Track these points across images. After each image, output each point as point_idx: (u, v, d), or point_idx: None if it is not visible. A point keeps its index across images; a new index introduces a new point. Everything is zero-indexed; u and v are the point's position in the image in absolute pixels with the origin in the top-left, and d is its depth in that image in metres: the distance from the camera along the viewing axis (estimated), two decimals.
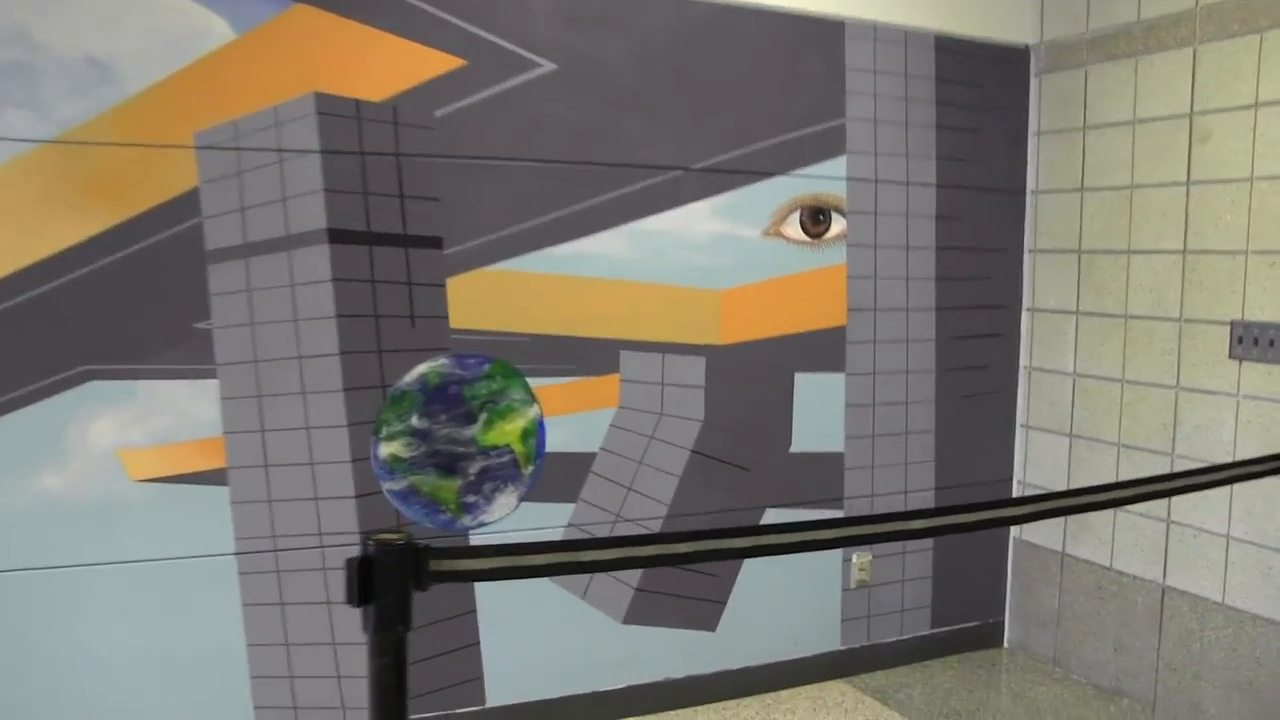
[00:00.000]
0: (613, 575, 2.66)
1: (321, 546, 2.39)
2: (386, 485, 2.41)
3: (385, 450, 2.40)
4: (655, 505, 2.68)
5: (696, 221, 2.62)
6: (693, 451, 2.70)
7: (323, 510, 2.39)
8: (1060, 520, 3.00)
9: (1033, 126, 3.03)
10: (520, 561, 1.23)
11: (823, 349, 2.82)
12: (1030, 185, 3.05)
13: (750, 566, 2.81)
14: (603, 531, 2.64)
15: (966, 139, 2.94)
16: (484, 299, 2.45)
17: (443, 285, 2.42)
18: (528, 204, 2.47)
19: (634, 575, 2.69)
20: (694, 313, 2.65)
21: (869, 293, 2.86)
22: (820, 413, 2.85)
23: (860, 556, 2.96)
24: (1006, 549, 3.20)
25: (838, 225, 2.79)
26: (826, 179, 2.76)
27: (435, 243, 2.40)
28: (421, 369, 2.41)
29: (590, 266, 2.53)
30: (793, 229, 2.73)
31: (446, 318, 2.43)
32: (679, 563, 1.24)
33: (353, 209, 2.32)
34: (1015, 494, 3.17)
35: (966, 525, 1.53)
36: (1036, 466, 3.09)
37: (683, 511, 2.71)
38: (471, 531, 2.50)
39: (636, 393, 2.62)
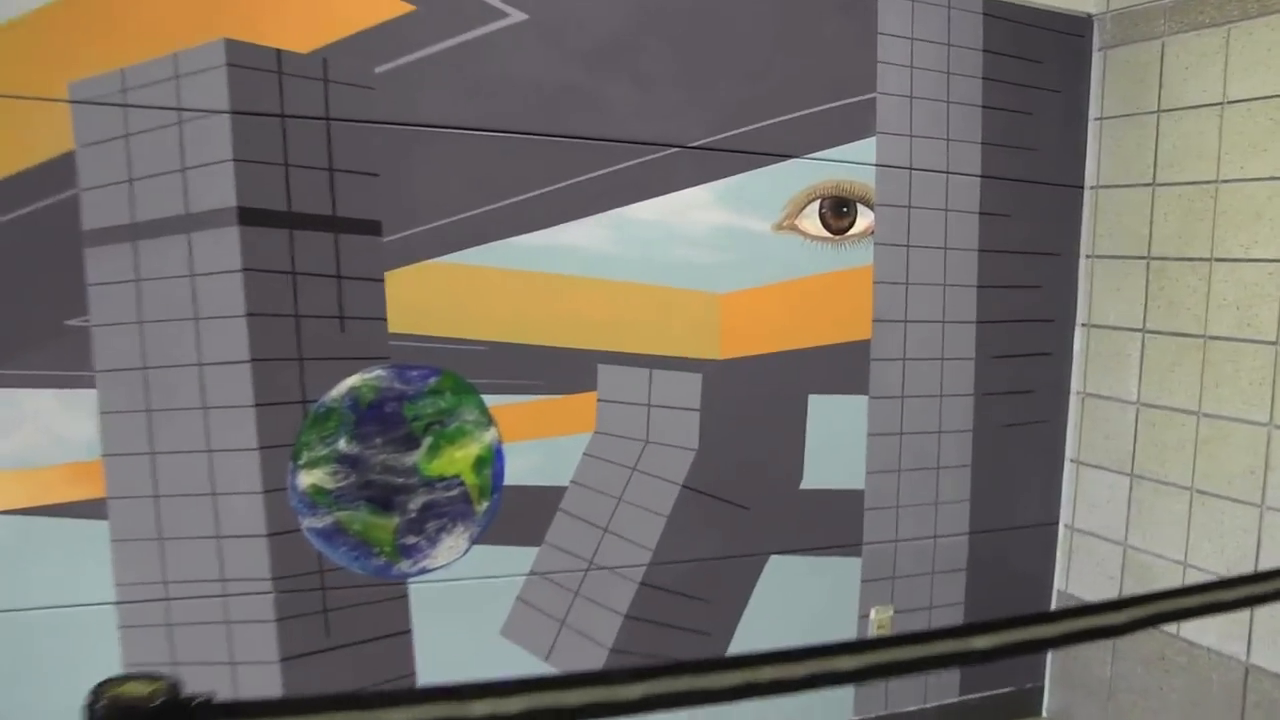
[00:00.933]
0: (582, 633, 2.22)
1: (224, 595, 1.96)
2: (307, 522, 1.97)
3: (306, 480, 1.96)
4: (637, 551, 2.24)
5: (694, 210, 2.18)
6: (684, 487, 2.25)
7: (227, 552, 1.95)
8: (1114, 571, 2.55)
9: (1094, 110, 2.58)
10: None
11: (842, 367, 2.37)
12: (1090, 179, 2.59)
13: (747, 622, 2.37)
14: (572, 582, 2.19)
15: (1017, 122, 2.49)
16: (431, 298, 2.01)
17: (380, 280, 1.97)
18: (488, 183, 2.02)
19: (609, 632, 2.24)
20: (689, 320, 2.20)
21: (899, 301, 2.41)
22: (838, 443, 2.40)
23: (880, 611, 2.51)
24: (1048, 601, 2.75)
25: (864, 219, 2.34)
26: (852, 164, 2.31)
27: (372, 228, 1.96)
28: (352, 382, 1.97)
29: (563, 261, 2.09)
30: (810, 222, 2.28)
31: (384, 320, 1.99)
32: (627, 712, 0.79)
33: (270, 184, 1.88)
34: (1062, 541, 2.71)
35: (1042, 642, 1.10)
36: (1089, 509, 2.63)
37: (670, 558, 2.27)
38: (413, 580, 2.06)
39: (617, 415, 2.17)
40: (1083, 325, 2.64)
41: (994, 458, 2.59)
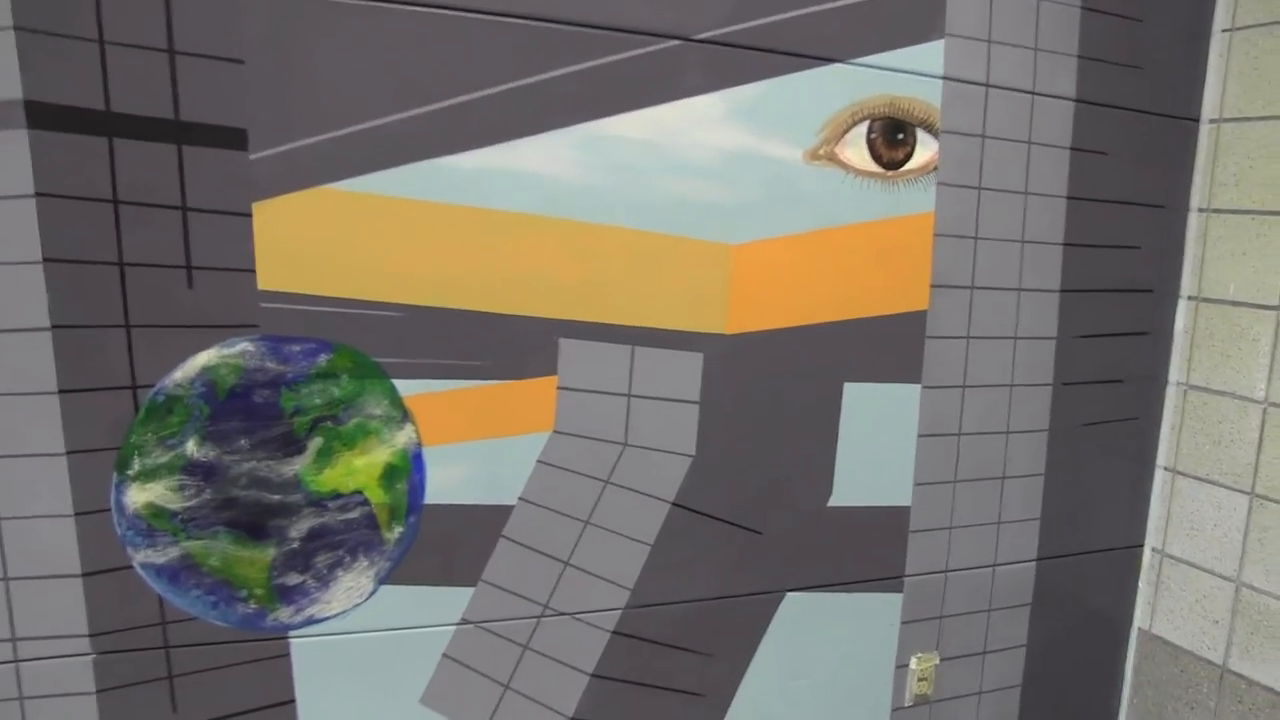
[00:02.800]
0: (532, 699, 1.64)
1: (16, 661, 1.38)
2: (142, 556, 1.38)
3: (139, 497, 1.37)
4: (609, 591, 1.65)
5: (700, 128, 1.57)
6: (675, 505, 1.67)
7: (19, 599, 1.37)
8: (1220, 614, 1.99)
9: (1221, 19, 1.97)
10: None
11: (889, 347, 1.78)
12: (1209, 110, 1.99)
13: (753, 679, 1.80)
14: (521, 633, 1.61)
15: (1123, 31, 1.88)
16: (321, 242, 1.41)
17: (246, 214, 1.37)
18: (408, 78, 1.41)
19: (569, 698, 1.67)
20: (687, 280, 1.60)
21: (966, 260, 1.81)
22: (879, 446, 1.81)
23: (922, 659, 1.94)
24: (1125, 646, 2.19)
25: (925, 151, 1.74)
26: (912, 75, 1.70)
27: (234, 138, 1.35)
28: (206, 360, 1.37)
29: (514, 194, 1.48)
30: (855, 152, 1.68)
31: (252, 272, 1.38)
32: None
33: (78, 70, 1.27)
34: (1147, 569, 2.15)
35: None
36: (1188, 533, 2.06)
37: (654, 599, 1.69)
38: (296, 634, 1.48)
39: (585, 409, 1.58)
40: (1189, 298, 2.05)
41: (1072, 464, 2.01)
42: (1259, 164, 1.89)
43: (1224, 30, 1.96)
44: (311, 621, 1.48)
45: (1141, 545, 2.14)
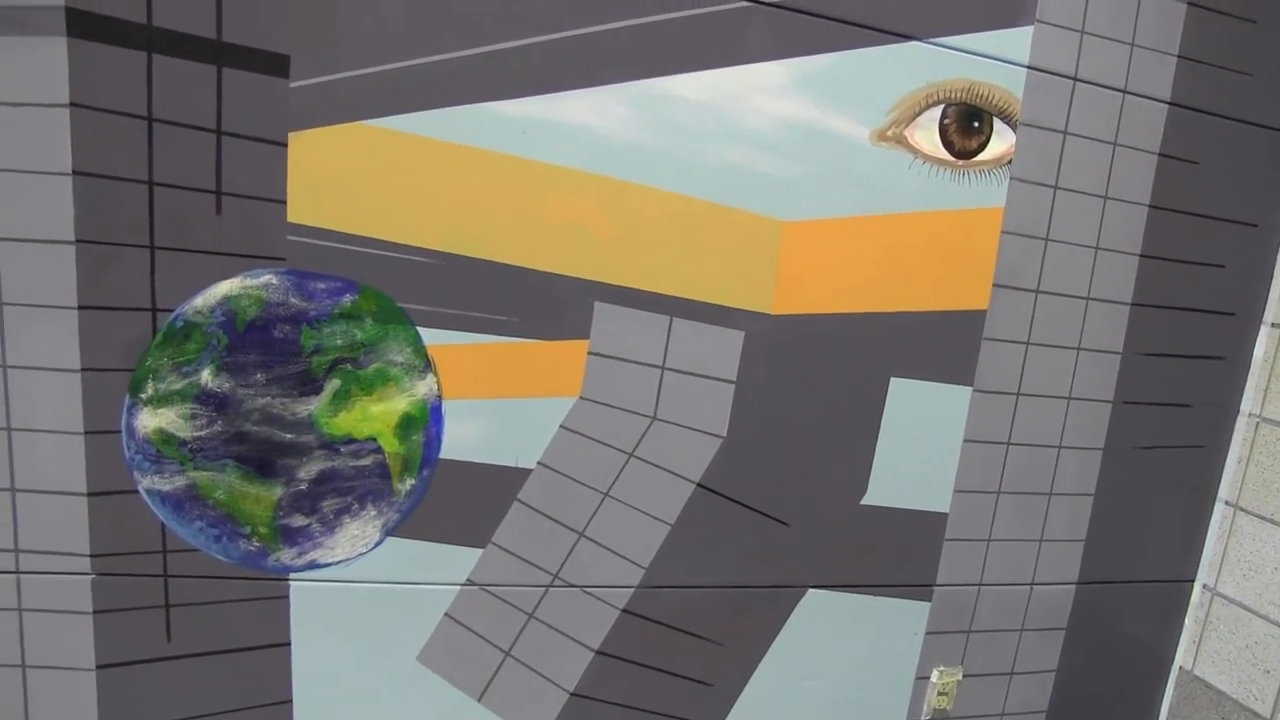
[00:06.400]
0: (533, 669, 1.60)
1: (17, 572, 1.36)
2: (148, 482, 1.36)
3: (150, 422, 1.35)
4: (623, 568, 1.60)
5: (762, 96, 1.49)
6: (700, 486, 1.61)
7: (25, 512, 1.35)
8: (1271, 664, 1.87)
9: None
10: None
11: (943, 344, 1.69)
12: None
13: (765, 673, 1.74)
14: (527, 600, 1.57)
15: (1232, 33, 1.76)
16: (356, 178, 1.36)
17: (282, 144, 1.33)
18: (459, 16, 1.36)
19: (571, 672, 1.62)
20: (734, 253, 1.53)
21: (1033, 262, 1.72)
22: (921, 447, 1.73)
23: (945, 673, 1.86)
24: (1164, 684, 2.08)
25: (1001, 142, 1.64)
26: (994, 61, 1.60)
27: (275, 64, 1.31)
28: (228, 289, 1.34)
29: (560, 146, 1.43)
30: (926, 136, 1.59)
31: (283, 203, 1.35)
32: None
33: None
34: (1195, 606, 2.03)
35: None
36: (1243, 572, 1.94)
37: (669, 581, 1.63)
38: (297, 577, 1.45)
39: (615, 377, 1.52)
40: (1273, 326, 1.92)
41: (1125, 488, 1.91)
42: None
43: None
44: (314, 566, 1.45)
45: (1192, 580, 2.03)
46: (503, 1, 1.36)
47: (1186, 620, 2.05)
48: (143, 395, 1.34)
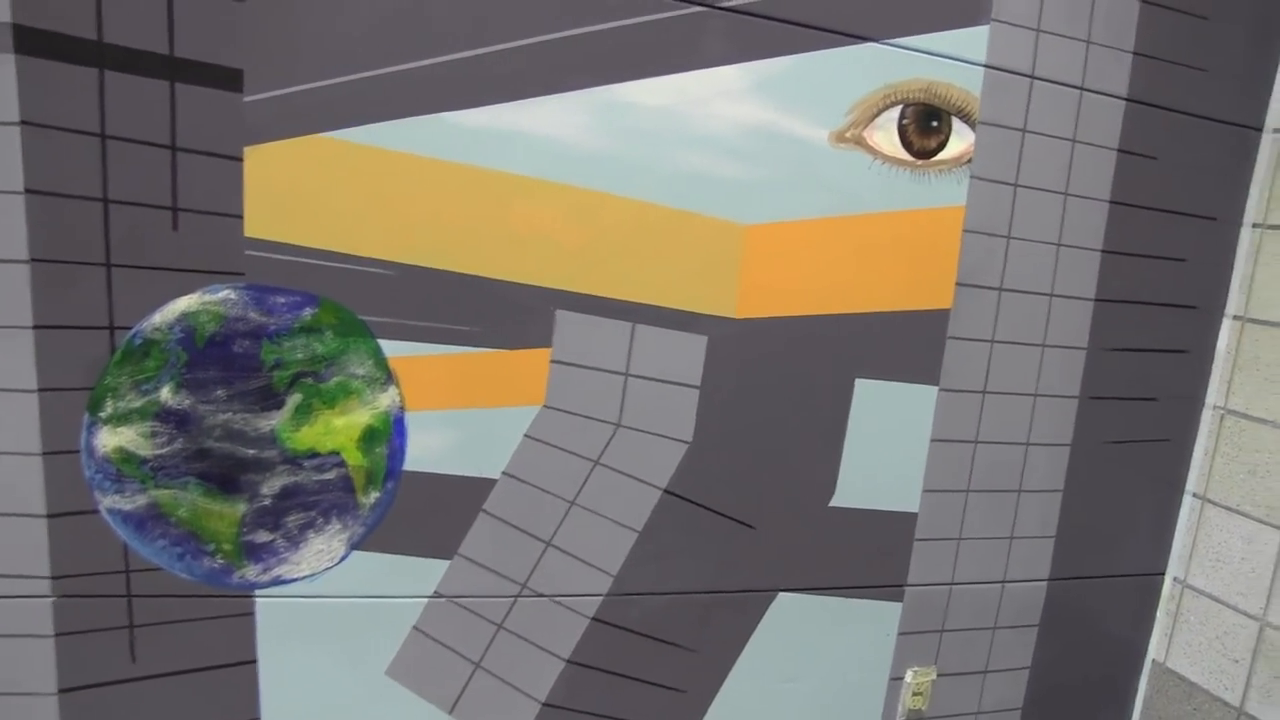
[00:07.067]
0: (504, 680, 1.59)
1: None
2: (109, 501, 1.35)
3: (110, 440, 1.33)
4: (592, 576, 1.60)
5: (720, 100, 1.49)
6: (666, 492, 1.60)
7: None
8: (1241, 654, 1.89)
9: None
10: None
11: (907, 344, 1.70)
12: (1274, 119, 1.88)
13: (738, 679, 1.73)
14: (495, 611, 1.56)
15: (1186, 29, 1.77)
16: (314, 191, 1.36)
17: (238, 158, 1.32)
18: (414, 27, 1.35)
19: (543, 682, 1.61)
20: (695, 257, 1.53)
21: (996, 260, 1.72)
22: (888, 447, 1.73)
23: (920, 673, 1.86)
24: (1137, 677, 2.09)
25: (960, 141, 1.65)
26: (951, 61, 1.61)
27: (229, 79, 1.30)
28: (187, 305, 1.33)
29: (519, 155, 1.42)
30: (885, 136, 1.59)
31: (240, 218, 1.34)
32: None
33: None
34: (1167, 600, 2.05)
35: None
36: (1213, 564, 1.96)
37: (638, 588, 1.63)
38: (263, 593, 1.44)
39: (579, 385, 1.52)
40: (1235, 318, 1.94)
41: (1094, 483, 1.92)
42: None
43: None
44: (279, 582, 1.44)
45: (1162, 574, 2.05)
46: (460, 11, 1.36)
47: (1158, 613, 2.06)
48: (102, 414, 1.33)
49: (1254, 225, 1.90)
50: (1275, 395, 1.84)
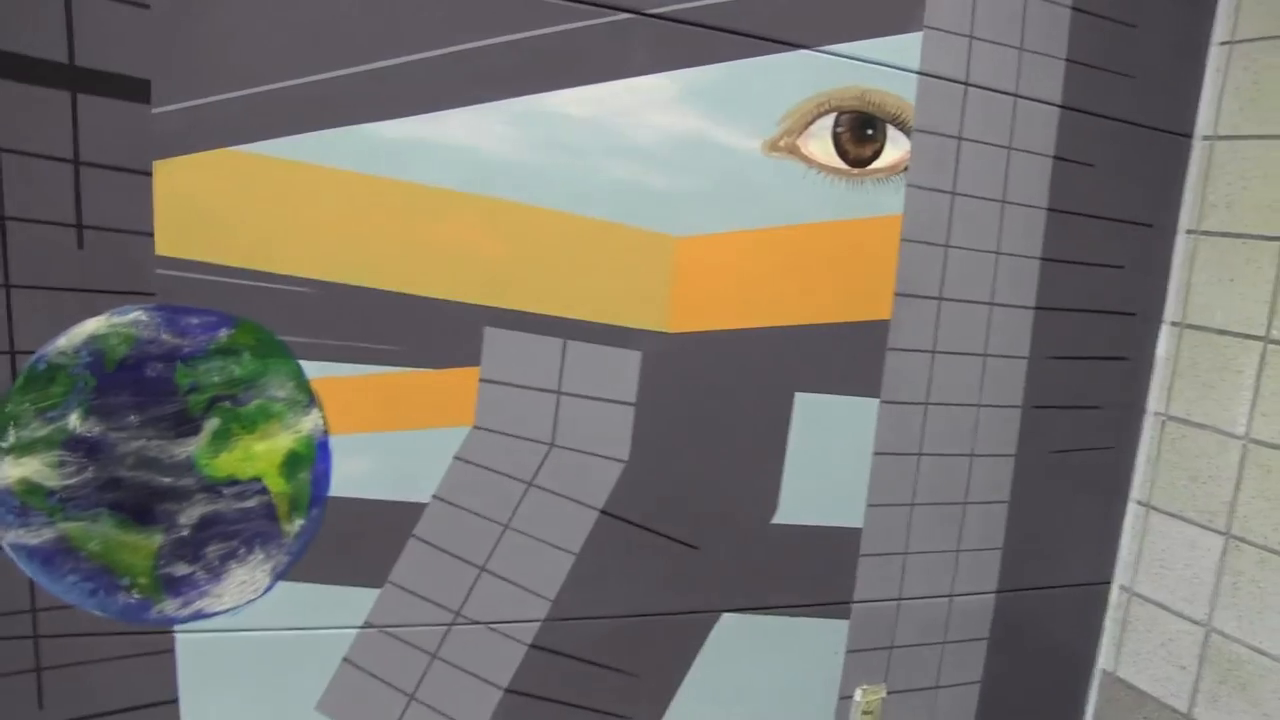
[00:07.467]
0: (440, 711, 1.53)
1: None
2: (12, 536, 1.28)
3: (13, 472, 1.27)
4: (528, 601, 1.54)
5: (648, 110, 1.46)
6: (604, 513, 1.56)
7: None
8: (1187, 660, 1.87)
9: (1220, 30, 1.86)
10: None
11: (846, 357, 1.67)
12: (1203, 126, 1.88)
13: (682, 703, 1.69)
14: (429, 640, 1.51)
15: (1115, 37, 1.78)
16: (227, 206, 1.30)
17: (147, 174, 1.26)
18: (332, 35, 1.31)
19: (480, 712, 1.56)
20: (626, 271, 1.50)
21: (934, 269, 1.71)
22: (831, 462, 1.70)
23: (869, 692, 1.83)
24: (1087, 687, 2.08)
25: (895, 149, 1.63)
26: (885, 67, 1.59)
27: (136, 89, 1.25)
28: (95, 327, 1.27)
29: (441, 168, 1.38)
30: (819, 145, 1.57)
31: (150, 235, 1.28)
32: None
33: None
34: (1114, 608, 2.03)
35: None
36: (1158, 571, 1.95)
37: (577, 613, 1.58)
38: (183, 628, 1.37)
39: (509, 404, 1.47)
40: (1173, 324, 1.94)
41: (1039, 493, 1.90)
42: (1253, 185, 1.78)
43: (1222, 42, 1.85)
44: (200, 616, 1.38)
45: (1109, 582, 2.03)
46: (377, 19, 1.31)
47: (1106, 622, 2.05)
48: (3, 444, 1.26)
49: (1188, 231, 1.91)
50: (1214, 401, 1.84)
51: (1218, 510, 1.83)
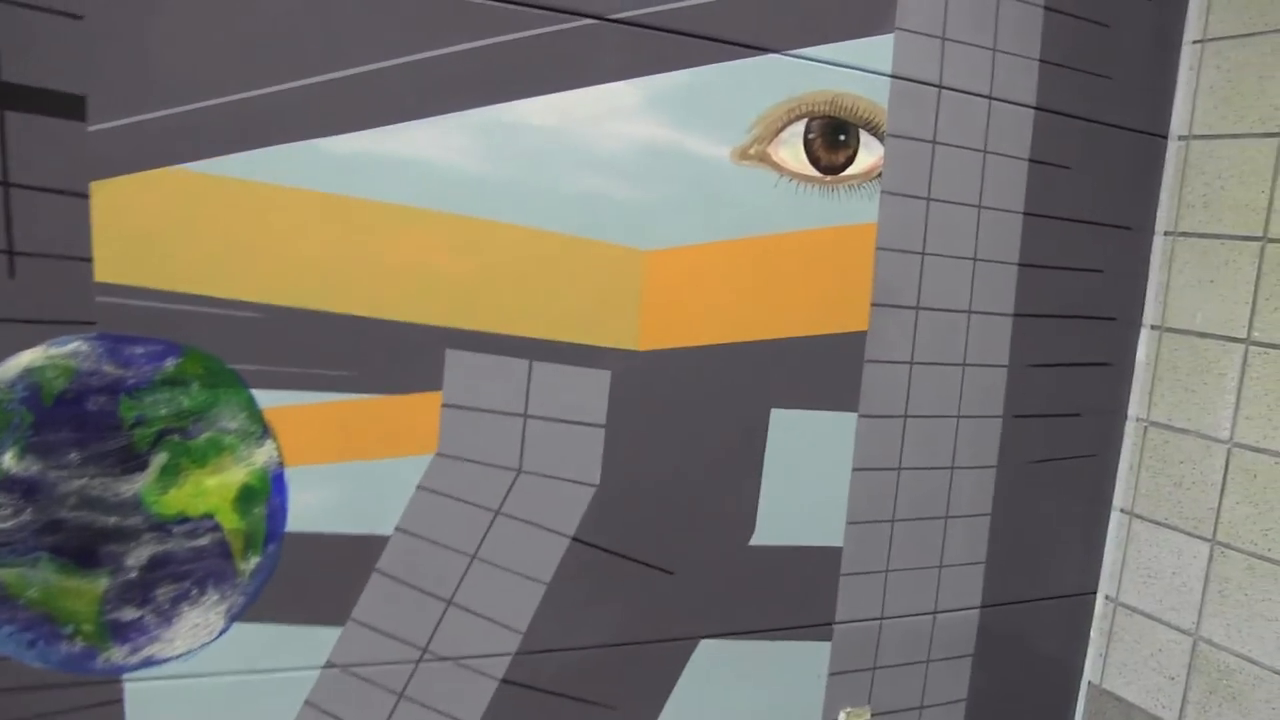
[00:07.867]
0: None
1: None
2: None
3: None
4: (498, 634, 1.48)
5: (613, 119, 1.40)
6: (575, 540, 1.50)
7: None
8: (1175, 670, 1.83)
9: (1193, 29, 1.83)
10: None
11: (823, 370, 1.62)
12: (1178, 126, 1.85)
13: None
14: (395, 679, 1.43)
15: (1089, 37, 1.74)
16: (172, 229, 1.23)
17: (84, 196, 1.19)
18: (279, 46, 1.24)
19: None
20: (593, 287, 1.44)
21: (911, 278, 1.66)
22: (809, 479, 1.65)
23: (853, 714, 1.78)
24: (1074, 701, 2.03)
25: (869, 155, 1.58)
26: (857, 71, 1.55)
27: (70, 106, 1.17)
28: (30, 359, 1.19)
29: (398, 184, 1.31)
30: (790, 152, 1.52)
31: (89, 260, 1.20)
32: None
33: None
34: (1100, 618, 1.99)
35: None
36: (1144, 580, 1.91)
37: (549, 645, 1.51)
38: (132, 677, 1.30)
39: (474, 429, 1.40)
40: (1153, 328, 1.90)
41: (1022, 504, 1.85)
42: (1230, 185, 1.75)
43: (1195, 41, 1.82)
44: (150, 663, 1.30)
45: (1094, 593, 1.99)
46: (328, 29, 1.25)
47: (1092, 633, 2.01)
48: None
49: (1166, 233, 1.87)
50: (1195, 404, 1.81)
51: (1203, 516, 1.79)
